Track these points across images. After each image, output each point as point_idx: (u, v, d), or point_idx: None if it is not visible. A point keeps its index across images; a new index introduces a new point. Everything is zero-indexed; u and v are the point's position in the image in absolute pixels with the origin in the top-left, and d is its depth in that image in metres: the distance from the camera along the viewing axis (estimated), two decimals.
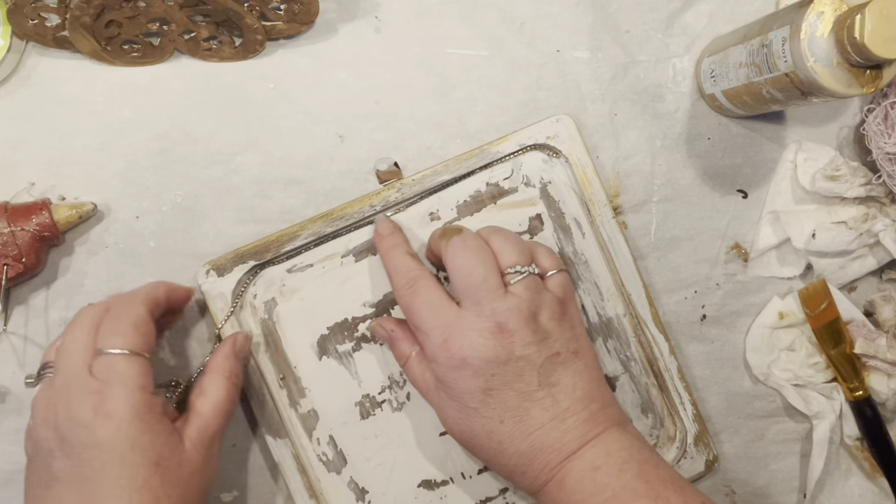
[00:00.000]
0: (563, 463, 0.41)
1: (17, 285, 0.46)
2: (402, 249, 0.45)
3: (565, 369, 0.42)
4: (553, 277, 0.44)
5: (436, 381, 0.43)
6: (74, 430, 0.37)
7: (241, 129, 0.47)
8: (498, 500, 0.49)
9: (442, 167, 0.48)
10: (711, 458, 0.50)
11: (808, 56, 0.40)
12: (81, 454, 0.37)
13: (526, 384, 0.41)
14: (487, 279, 0.41)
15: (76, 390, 0.38)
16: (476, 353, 0.41)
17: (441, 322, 0.42)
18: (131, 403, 0.37)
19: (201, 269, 0.46)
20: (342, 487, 0.48)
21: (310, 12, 0.46)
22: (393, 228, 0.46)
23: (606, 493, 0.39)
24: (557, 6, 0.50)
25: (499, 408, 0.41)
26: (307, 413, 0.47)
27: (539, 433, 0.41)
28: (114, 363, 0.38)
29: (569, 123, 0.48)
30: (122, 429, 0.37)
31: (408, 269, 0.44)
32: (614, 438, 0.41)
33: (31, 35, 0.45)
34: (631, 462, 0.40)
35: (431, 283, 0.43)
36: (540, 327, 0.42)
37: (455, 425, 0.43)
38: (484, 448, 0.42)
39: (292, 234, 0.47)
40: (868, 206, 0.51)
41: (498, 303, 0.41)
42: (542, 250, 0.45)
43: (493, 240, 0.43)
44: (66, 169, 0.46)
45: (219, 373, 0.42)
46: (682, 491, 0.40)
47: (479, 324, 0.41)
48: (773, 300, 0.52)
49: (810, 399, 0.52)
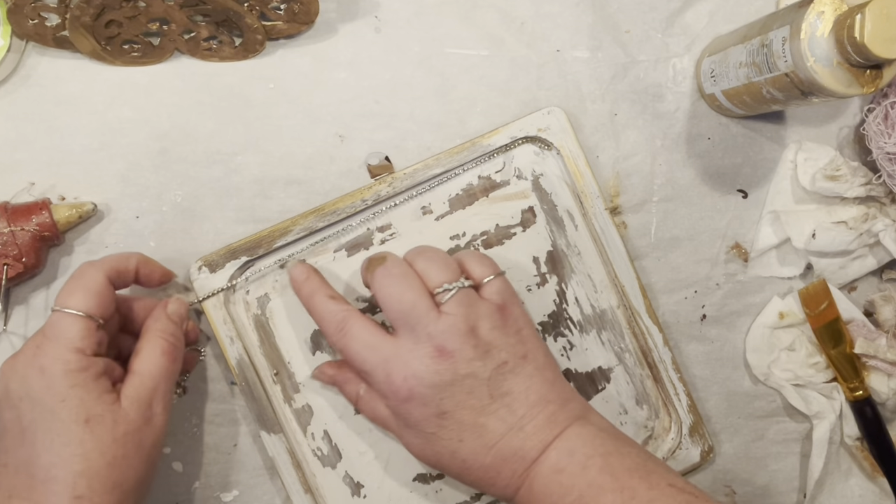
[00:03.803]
0: (528, 469, 0.41)
1: (17, 285, 0.46)
2: (323, 294, 0.44)
3: (515, 377, 0.41)
4: (489, 285, 0.43)
5: (390, 413, 0.43)
6: (13, 380, 0.38)
7: (241, 129, 0.47)
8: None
9: (433, 161, 0.48)
10: (707, 448, 0.50)
11: (808, 56, 0.40)
12: (19, 405, 0.38)
13: (478, 399, 0.41)
14: (416, 304, 0.41)
15: (26, 344, 0.39)
16: (420, 382, 0.40)
17: (380, 358, 0.41)
18: (64, 360, 0.38)
19: (193, 265, 0.46)
20: (337, 482, 0.48)
21: (310, 12, 0.46)
22: (308, 273, 0.45)
23: (573, 493, 0.39)
24: (557, 6, 0.50)
25: (456, 428, 0.41)
26: (301, 408, 0.48)
27: (500, 444, 0.41)
28: (58, 320, 0.39)
29: (560, 116, 0.48)
30: (53, 384, 0.37)
31: (332, 313, 0.43)
32: (576, 435, 0.41)
33: (31, 35, 0.45)
34: (594, 457, 0.40)
35: (361, 323, 0.42)
36: (481, 341, 0.41)
37: (419, 452, 0.43)
38: (451, 468, 0.42)
39: (284, 230, 0.47)
40: (868, 206, 0.51)
41: (432, 326, 0.40)
42: (473, 259, 0.44)
43: (417, 262, 0.42)
44: (66, 169, 0.46)
45: (152, 333, 0.42)
46: (649, 477, 0.39)
47: (418, 351, 0.40)
48: (773, 300, 0.52)
49: (810, 399, 0.52)
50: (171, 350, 0.42)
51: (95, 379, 0.38)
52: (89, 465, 0.37)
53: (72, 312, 0.38)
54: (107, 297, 0.40)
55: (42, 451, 0.37)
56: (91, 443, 0.37)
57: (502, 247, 0.49)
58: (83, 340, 0.38)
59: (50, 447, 0.37)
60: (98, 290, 0.40)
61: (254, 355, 0.47)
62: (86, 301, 0.39)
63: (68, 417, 0.37)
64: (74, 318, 0.38)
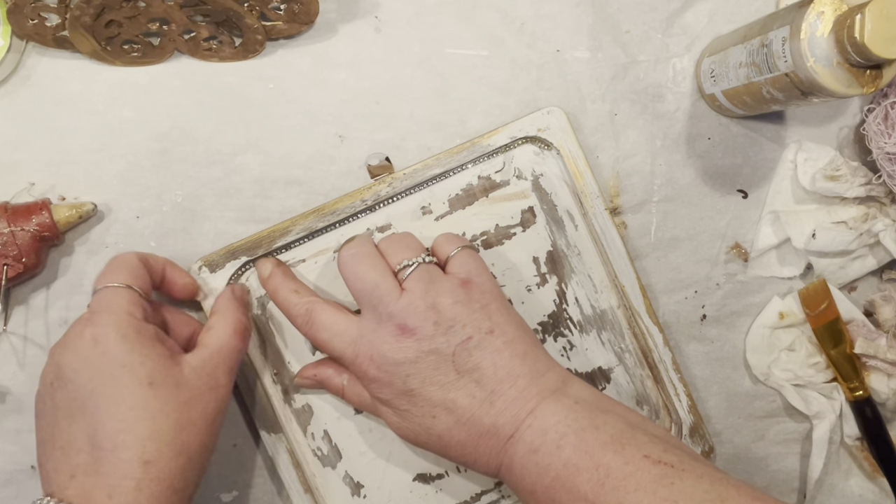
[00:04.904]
0: (504, 447, 0.40)
1: (17, 285, 0.46)
2: (287, 289, 0.44)
3: (482, 351, 0.41)
4: (453, 259, 0.43)
5: (370, 395, 0.43)
6: (65, 357, 0.38)
7: (241, 129, 0.47)
8: (493, 494, 0.49)
9: (433, 161, 0.48)
10: (707, 448, 0.50)
11: (808, 56, 0.40)
12: (74, 380, 0.37)
13: (444, 375, 0.41)
14: (379, 284, 0.41)
15: (71, 327, 0.39)
16: (385, 360, 0.41)
17: (348, 341, 0.42)
18: (117, 326, 0.38)
19: (193, 265, 0.46)
20: (337, 482, 0.48)
21: (310, 12, 0.46)
22: (271, 269, 0.45)
23: (550, 474, 0.39)
24: (557, 6, 0.50)
25: (426, 405, 0.41)
26: (301, 408, 0.48)
27: (472, 420, 0.41)
28: (104, 295, 0.39)
29: (560, 116, 0.48)
30: (109, 350, 0.37)
31: (297, 306, 0.44)
32: (550, 412, 0.40)
33: (31, 35, 0.45)
34: (568, 435, 0.39)
35: (325, 311, 0.43)
36: (442, 316, 0.41)
37: (398, 430, 0.43)
38: (430, 445, 0.42)
39: (284, 230, 0.47)
40: (868, 206, 0.51)
41: (392, 304, 0.41)
42: (441, 238, 0.45)
43: (381, 244, 0.43)
44: (66, 169, 0.46)
45: (221, 312, 0.43)
46: (623, 451, 0.38)
47: (381, 330, 0.41)
48: (773, 300, 0.52)
49: (810, 399, 0.52)
50: (243, 330, 0.43)
51: (152, 343, 0.39)
52: (157, 427, 0.37)
53: (115, 285, 0.40)
54: (144, 275, 0.41)
55: (106, 419, 0.37)
56: (157, 405, 0.37)
57: (502, 247, 0.49)
58: (132, 306, 0.39)
59: (115, 413, 0.37)
60: (135, 267, 0.41)
61: (254, 355, 0.47)
62: (126, 276, 0.40)
63: (131, 381, 0.37)
64: (119, 289, 0.39)
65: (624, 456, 0.38)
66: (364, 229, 0.48)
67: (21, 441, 0.46)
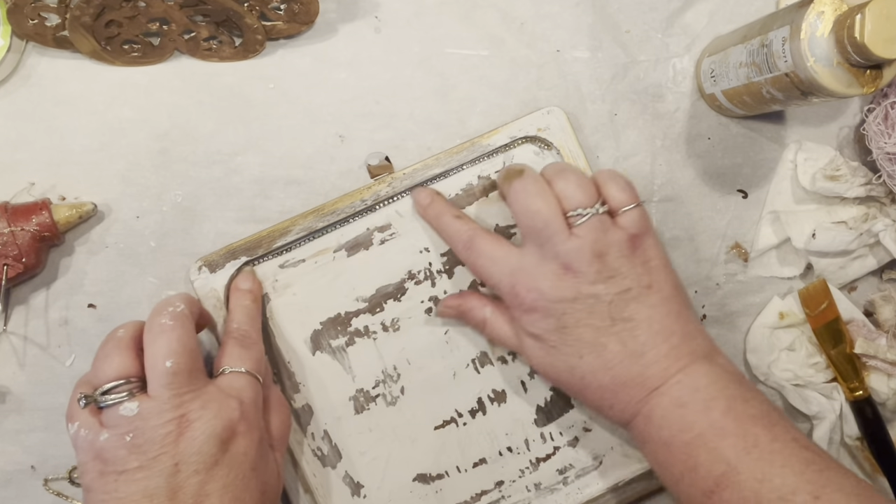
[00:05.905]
0: (647, 398, 0.41)
1: (17, 285, 0.46)
2: (449, 215, 0.46)
3: (639, 304, 0.42)
4: (625, 214, 0.43)
5: (515, 328, 0.44)
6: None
7: (241, 129, 0.47)
8: (493, 493, 0.49)
9: (433, 161, 0.48)
10: None
11: (808, 56, 0.40)
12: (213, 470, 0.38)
13: (599, 320, 0.41)
14: (549, 223, 0.42)
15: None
16: (543, 296, 0.42)
17: (506, 270, 0.43)
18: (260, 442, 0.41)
19: (193, 265, 0.46)
20: (337, 482, 0.48)
21: (310, 12, 0.46)
22: (432, 197, 0.47)
23: (694, 430, 0.39)
24: (557, 6, 0.50)
25: (576, 343, 0.42)
26: (301, 408, 0.48)
27: (619, 367, 0.41)
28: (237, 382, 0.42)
29: (560, 115, 0.48)
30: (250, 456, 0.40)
31: (460, 232, 0.45)
32: (702, 373, 0.41)
33: (31, 35, 0.45)
34: (719, 399, 0.40)
35: (487, 239, 0.44)
36: (607, 266, 0.41)
37: (540, 365, 0.44)
38: (569, 384, 0.43)
39: (284, 230, 0.47)
40: (868, 206, 0.51)
41: (560, 246, 0.41)
42: (614, 185, 0.43)
43: (556, 182, 0.43)
44: (66, 169, 0.46)
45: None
46: (773, 428, 0.39)
47: (544, 267, 0.42)
48: (773, 300, 0.52)
49: (810, 399, 0.52)
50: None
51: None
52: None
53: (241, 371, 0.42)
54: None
55: None
56: None
57: None
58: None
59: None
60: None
61: None
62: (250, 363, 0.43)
63: (254, 486, 0.41)
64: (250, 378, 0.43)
65: (773, 433, 0.39)
66: (364, 229, 0.48)
67: (21, 441, 0.46)
